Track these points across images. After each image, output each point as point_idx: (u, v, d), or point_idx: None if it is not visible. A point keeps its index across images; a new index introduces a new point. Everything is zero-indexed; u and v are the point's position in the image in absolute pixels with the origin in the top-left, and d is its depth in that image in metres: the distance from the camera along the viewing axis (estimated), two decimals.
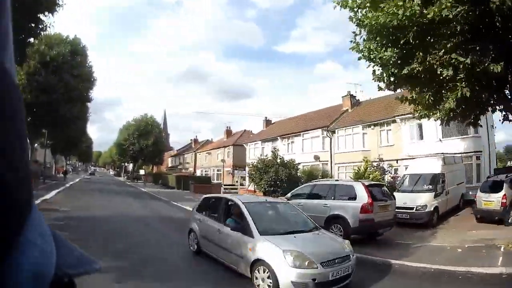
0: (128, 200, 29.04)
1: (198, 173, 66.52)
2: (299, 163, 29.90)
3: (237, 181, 49.20)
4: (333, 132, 33.27)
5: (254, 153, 44.58)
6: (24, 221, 0.53)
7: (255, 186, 28.91)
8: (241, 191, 33.28)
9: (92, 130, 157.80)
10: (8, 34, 0.55)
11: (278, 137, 40.29)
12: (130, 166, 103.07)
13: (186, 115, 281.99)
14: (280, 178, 26.74)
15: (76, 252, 0.68)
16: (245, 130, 59.79)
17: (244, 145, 49.16)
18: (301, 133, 37.00)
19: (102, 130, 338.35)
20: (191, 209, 23.43)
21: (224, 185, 41.10)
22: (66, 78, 34.10)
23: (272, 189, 26.97)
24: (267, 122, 50.74)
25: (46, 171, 60.72)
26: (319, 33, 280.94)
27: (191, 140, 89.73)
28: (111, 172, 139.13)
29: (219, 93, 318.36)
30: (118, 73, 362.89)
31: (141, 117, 72.29)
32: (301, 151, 35.23)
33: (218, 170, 57.08)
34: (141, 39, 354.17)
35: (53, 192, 29.45)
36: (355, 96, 36.68)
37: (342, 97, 36.83)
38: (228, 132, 64.02)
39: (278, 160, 28.05)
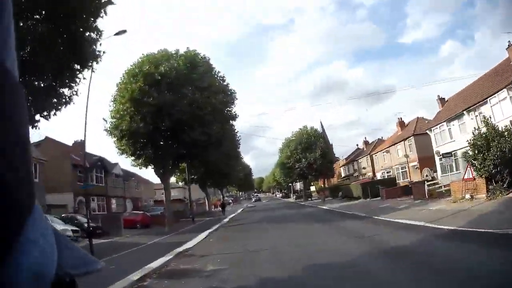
0: (313, 228, 21.88)
1: (378, 176, 60.62)
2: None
3: (426, 175, 43.14)
4: None
5: (441, 137, 40.27)
6: (24, 221, 0.56)
7: (476, 172, 23.89)
8: (453, 185, 27.04)
9: (247, 159, 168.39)
10: (9, 33, 0.57)
11: (464, 112, 35.25)
12: (298, 185, 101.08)
13: (336, 127, 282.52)
14: (504, 153, 22.06)
15: (78, 252, 0.72)
16: (418, 118, 53.77)
17: (427, 131, 43.32)
18: (487, 99, 31.96)
19: (258, 157, 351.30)
20: (417, 223, 17.08)
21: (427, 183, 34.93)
22: (188, 92, 29.27)
23: (498, 169, 22.33)
24: (442, 101, 44.50)
25: (197, 208, 58.50)
26: (428, 16, 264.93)
27: (356, 145, 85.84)
28: (278, 195, 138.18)
29: (360, 99, 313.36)
30: (256, 101, 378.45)
31: (300, 130, 69.29)
32: (494, 121, 28.88)
33: (402, 168, 51.96)
34: (266, 64, 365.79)
35: (202, 235, 23.53)
36: None
37: (506, 49, 32.64)
38: (401, 124, 57.90)
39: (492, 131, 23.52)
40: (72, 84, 13.57)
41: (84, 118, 20.73)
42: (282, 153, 72.48)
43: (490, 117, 26.35)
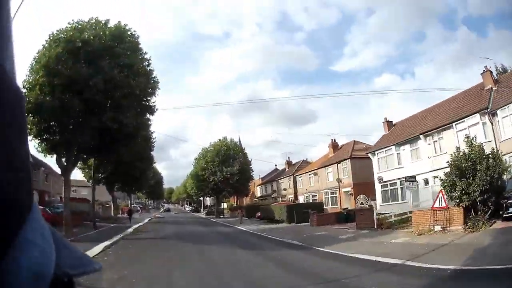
0: (242, 257, 16.39)
1: (300, 199, 55.04)
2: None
3: (362, 203, 37.50)
4: (494, 114, 26.14)
5: (386, 163, 36.23)
6: (24, 221, 0.57)
7: (453, 200, 20.46)
8: (416, 215, 22.77)
9: (160, 168, 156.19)
10: (8, 35, 0.59)
11: (420, 136, 31.56)
12: (208, 200, 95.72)
13: (254, 146, 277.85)
14: (493, 178, 18.77)
15: (76, 252, 0.73)
16: (355, 141, 49.41)
17: (369, 155, 38.86)
18: (453, 124, 28.69)
19: (170, 168, 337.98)
20: (392, 261, 13.13)
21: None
22: (106, 67, 23.98)
23: (485, 197, 18.82)
24: (389, 124, 40.46)
25: (103, 212, 52.98)
26: (368, 47, 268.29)
27: (275, 165, 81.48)
28: (187, 208, 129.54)
29: (282, 120, 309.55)
30: (177, 111, 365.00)
31: (220, 142, 64.43)
32: (455, 149, 24.53)
33: (332, 193, 46.69)
34: (195, 74, 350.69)
35: (99, 247, 18.42)
36: (491, 71, 30.92)
37: (481, 74, 30.61)
38: (334, 146, 52.87)
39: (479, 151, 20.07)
40: None
41: None
42: (197, 163, 66.26)
43: (476, 137, 22.07)
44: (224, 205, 79.41)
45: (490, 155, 19.96)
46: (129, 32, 26.92)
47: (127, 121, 24.76)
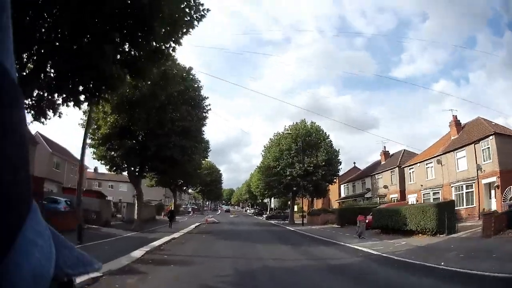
0: None
1: (411, 199, 43.92)
2: None
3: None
4: None
5: None
6: (23, 221, 0.58)
7: None
8: None
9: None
10: (8, 34, 0.61)
11: None
12: (273, 203, 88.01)
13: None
14: None
15: (76, 252, 0.76)
16: (479, 118, 38.88)
17: None
18: None
19: (231, 171, 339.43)
20: None
21: None
22: None
23: None
24: None
25: (125, 213, 42.32)
26: (425, 53, 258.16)
27: (354, 163, 75.92)
28: (248, 211, 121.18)
29: (345, 126, 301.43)
30: (238, 116, 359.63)
31: (297, 125, 53.58)
32: None
33: (467, 187, 35.65)
34: (256, 79, 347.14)
35: None
36: None
37: None
38: (457, 125, 41.50)
39: None
40: None
41: None
42: (268, 153, 55.45)
43: None
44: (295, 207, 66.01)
45: None
46: None
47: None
